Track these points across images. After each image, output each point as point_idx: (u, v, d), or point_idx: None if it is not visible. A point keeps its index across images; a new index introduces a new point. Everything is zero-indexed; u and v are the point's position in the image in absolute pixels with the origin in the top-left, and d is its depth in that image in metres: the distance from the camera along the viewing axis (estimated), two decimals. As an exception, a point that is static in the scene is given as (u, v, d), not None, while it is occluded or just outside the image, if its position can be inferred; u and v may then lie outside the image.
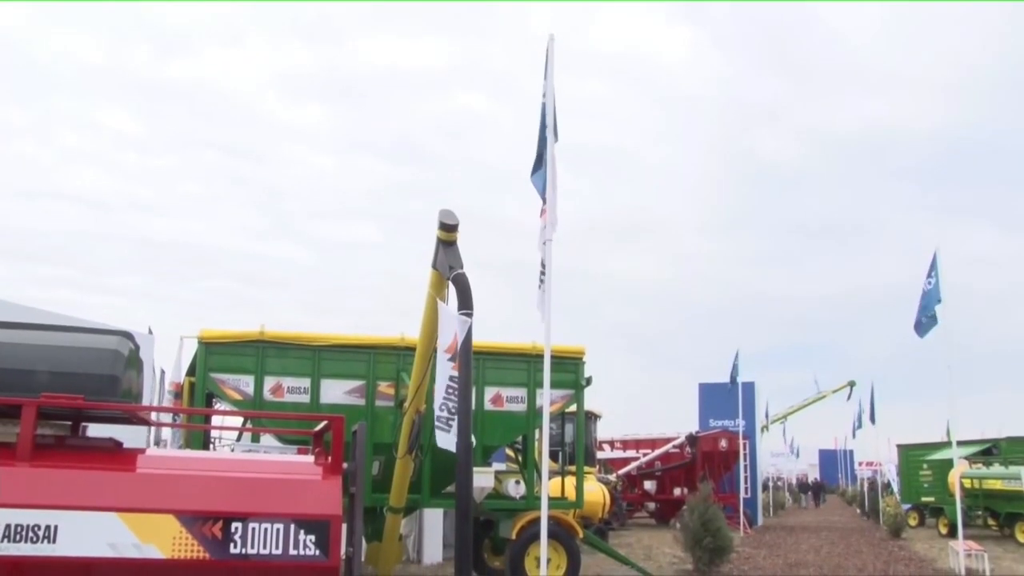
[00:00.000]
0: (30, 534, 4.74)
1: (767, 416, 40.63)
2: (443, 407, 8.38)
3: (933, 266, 16.85)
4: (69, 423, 5.97)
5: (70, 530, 4.80)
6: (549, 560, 9.55)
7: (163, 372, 14.33)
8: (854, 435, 43.94)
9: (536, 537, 11.16)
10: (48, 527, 4.77)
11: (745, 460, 30.77)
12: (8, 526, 4.73)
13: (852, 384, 47.94)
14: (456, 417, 8.39)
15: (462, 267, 9.40)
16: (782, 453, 55.51)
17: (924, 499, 30.47)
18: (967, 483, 25.78)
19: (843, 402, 48.57)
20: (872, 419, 36.74)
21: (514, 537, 12.91)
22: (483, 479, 12.71)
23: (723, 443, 31.12)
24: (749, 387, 32.35)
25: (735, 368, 29.61)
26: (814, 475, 74.46)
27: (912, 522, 30.41)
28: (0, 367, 5.18)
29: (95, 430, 6.16)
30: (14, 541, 4.72)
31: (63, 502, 4.86)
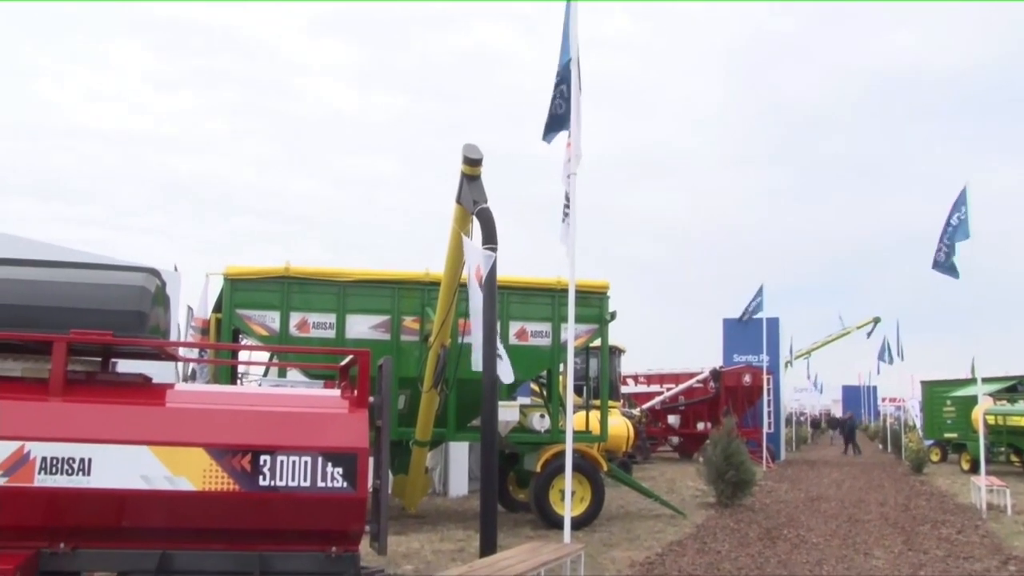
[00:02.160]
0: (66, 467, 4.84)
1: (791, 352, 40.45)
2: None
3: (962, 201, 16.55)
4: (99, 359, 6.05)
5: (104, 463, 4.90)
6: (573, 493, 9.65)
7: (190, 309, 14.43)
8: (878, 371, 43.88)
9: (561, 470, 11.26)
10: (83, 460, 4.87)
11: (768, 395, 30.79)
12: (44, 459, 4.83)
13: (877, 320, 47.67)
14: (502, 348, 8.45)
15: (486, 201, 9.37)
16: (805, 388, 55.44)
17: (947, 435, 30.43)
18: (991, 420, 25.70)
19: (867, 338, 48.36)
20: (900, 355, 36.66)
21: (539, 470, 13.04)
22: (508, 413, 12.80)
23: (747, 378, 31.14)
24: (773, 323, 32.25)
25: (759, 304, 29.49)
26: (837, 411, 74.40)
27: (934, 458, 30.40)
28: (30, 304, 5.24)
29: (124, 366, 6.24)
30: (51, 473, 4.83)
31: (96, 436, 4.95)
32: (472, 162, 9.64)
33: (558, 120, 9.42)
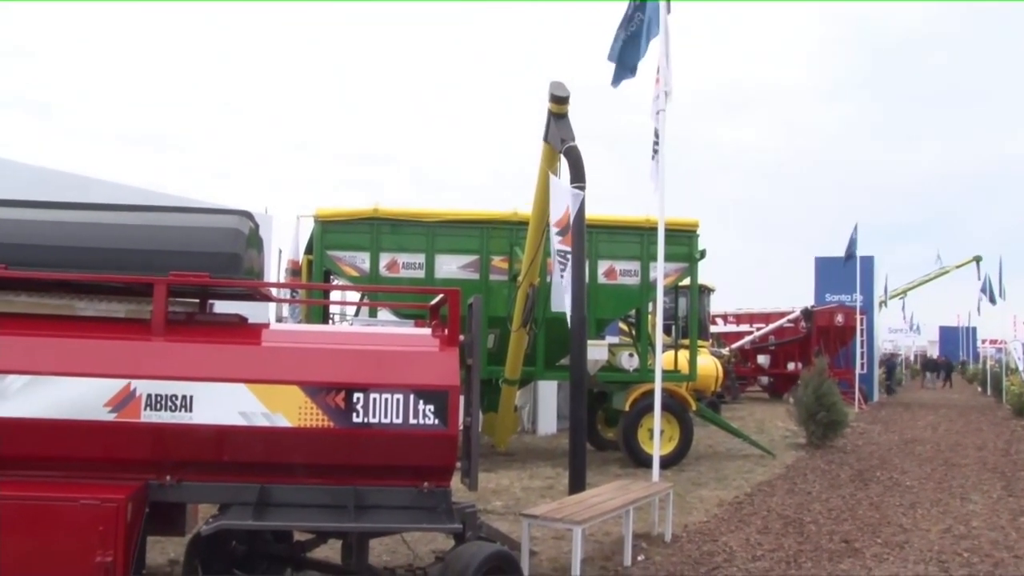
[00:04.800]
0: (169, 403, 5.01)
1: (885, 291, 39.40)
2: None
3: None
4: (197, 300, 6.22)
5: (204, 400, 5.05)
6: (662, 432, 9.63)
7: (281, 251, 14.70)
8: (978, 312, 42.49)
9: (649, 409, 11.25)
10: (185, 397, 5.03)
11: (862, 335, 30.17)
12: (149, 396, 5.01)
13: (978, 259, 46.02)
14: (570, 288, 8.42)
15: (574, 140, 9.28)
16: (900, 329, 54.08)
17: (1052, 377, 29.48)
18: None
19: (967, 278, 46.86)
20: (1002, 295, 35.43)
21: (627, 409, 13.06)
22: (597, 352, 12.82)
23: (839, 318, 30.53)
24: (867, 261, 31.45)
25: (852, 243, 28.75)
26: (933, 352, 72.59)
27: (1037, 401, 29.51)
28: (131, 248, 5.38)
29: (220, 307, 6.40)
30: (155, 410, 5.00)
31: (197, 374, 5.10)
32: (559, 100, 9.53)
33: (633, 54, 9.16)
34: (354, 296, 15.05)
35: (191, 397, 5.04)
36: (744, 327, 34.23)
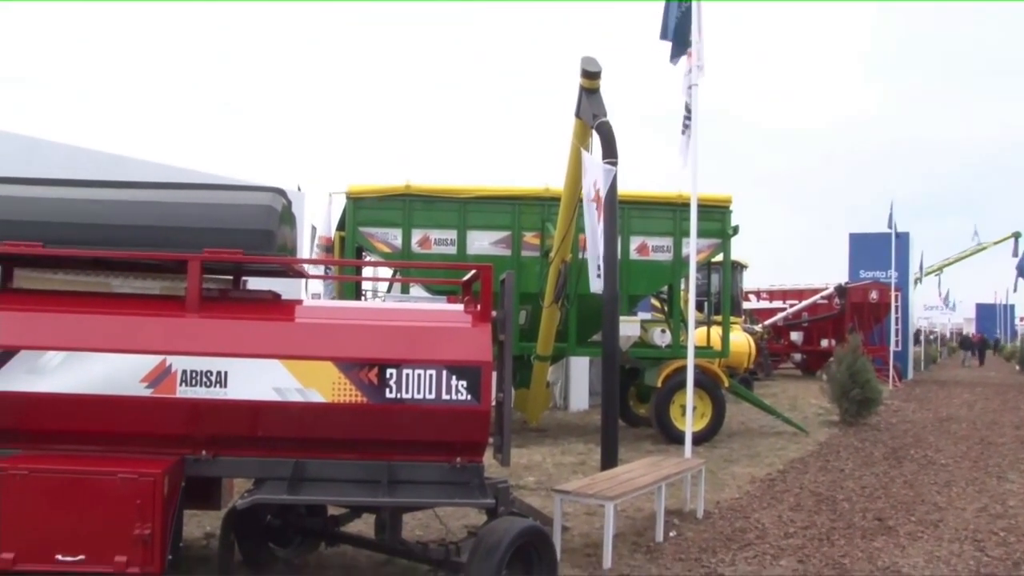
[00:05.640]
0: (204, 379, 5.06)
1: (921, 268, 38.94)
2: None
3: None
4: (231, 277, 6.26)
5: (239, 376, 5.10)
6: (694, 408, 9.60)
7: (313, 228, 14.77)
8: (1015, 289, 41.94)
9: (681, 385, 11.23)
10: (219, 372, 5.08)
11: (896, 312, 29.89)
12: (185, 372, 5.06)
13: (1016, 235, 45.39)
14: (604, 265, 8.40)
15: (606, 115, 9.23)
16: (936, 306, 53.54)
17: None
18: None
19: (1005, 255, 46.16)
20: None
21: (659, 385, 13.04)
22: (629, 328, 12.79)
23: (873, 295, 30.24)
24: (903, 237, 31.11)
25: (889, 220, 28.40)
26: (969, 329, 71.78)
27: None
28: (165, 226, 5.41)
29: (254, 284, 6.44)
30: (191, 385, 5.05)
31: (231, 350, 5.15)
32: (591, 75, 9.48)
33: (682, 34, 9.06)
34: (386, 272, 15.10)
35: (226, 373, 5.08)
36: (777, 304, 34.02)
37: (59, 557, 4.73)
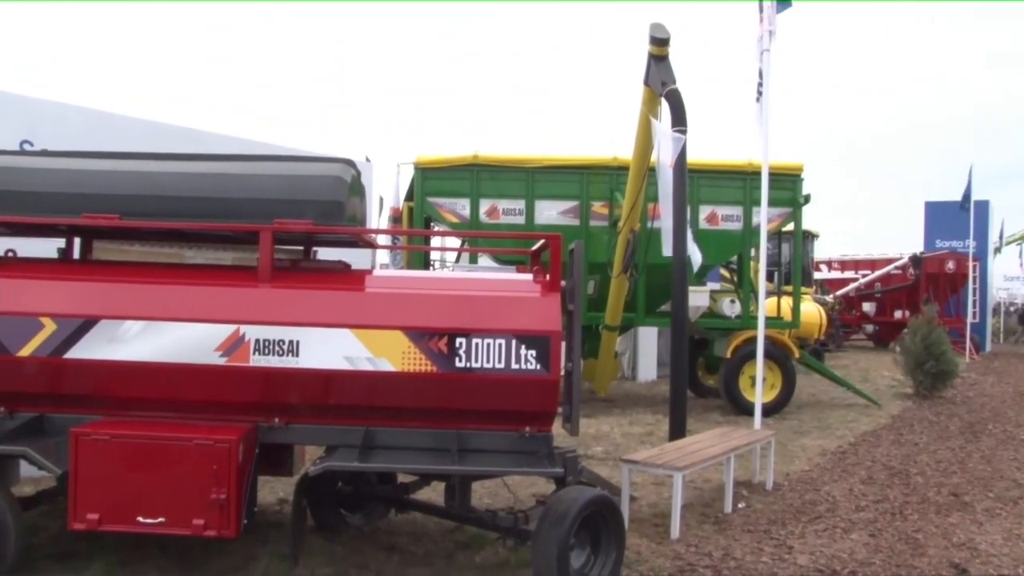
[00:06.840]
0: (277, 348, 5.14)
1: (1001, 237, 37.81)
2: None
3: None
4: (301, 248, 6.33)
5: (310, 345, 5.16)
6: (764, 379, 9.51)
7: (382, 199, 14.86)
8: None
9: (751, 356, 11.12)
10: (292, 342, 5.15)
11: (974, 283, 29.12)
12: (258, 341, 5.14)
13: (1102, 200, 43.91)
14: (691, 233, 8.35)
15: (675, 82, 9.10)
16: (1017, 277, 52.00)
17: None
18: None
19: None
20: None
21: (729, 356, 12.92)
22: (698, 298, 12.68)
23: (950, 265, 29.50)
24: (982, 206, 30.22)
25: (968, 189, 27.62)
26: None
27: None
28: (237, 197, 5.48)
29: (324, 254, 6.50)
30: (264, 354, 5.14)
31: (303, 319, 5.22)
32: (659, 42, 9.35)
33: None
34: (454, 243, 15.16)
35: (297, 342, 5.15)
36: (849, 274, 33.39)
37: (140, 519, 4.87)
